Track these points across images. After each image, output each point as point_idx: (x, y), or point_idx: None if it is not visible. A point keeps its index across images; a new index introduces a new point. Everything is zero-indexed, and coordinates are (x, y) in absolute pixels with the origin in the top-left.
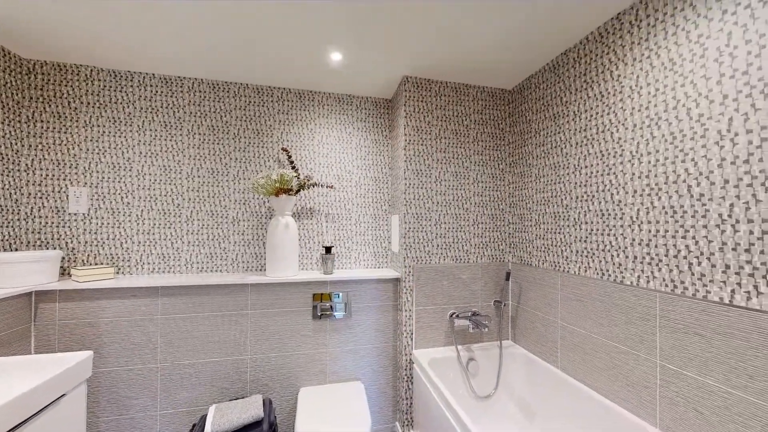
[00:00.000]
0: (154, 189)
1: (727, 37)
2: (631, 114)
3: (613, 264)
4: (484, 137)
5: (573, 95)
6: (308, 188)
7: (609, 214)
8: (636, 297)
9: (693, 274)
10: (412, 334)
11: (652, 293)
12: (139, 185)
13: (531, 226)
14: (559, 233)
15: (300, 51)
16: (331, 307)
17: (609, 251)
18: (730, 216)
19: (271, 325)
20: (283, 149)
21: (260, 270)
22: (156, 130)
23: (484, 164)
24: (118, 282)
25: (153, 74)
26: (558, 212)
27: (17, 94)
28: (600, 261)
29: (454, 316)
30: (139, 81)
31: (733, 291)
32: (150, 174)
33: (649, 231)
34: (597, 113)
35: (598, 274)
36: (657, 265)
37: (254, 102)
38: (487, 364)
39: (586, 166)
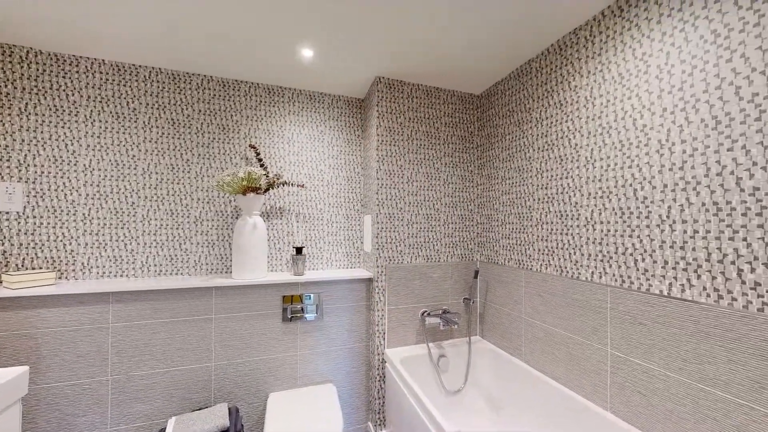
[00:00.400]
0: (104, 185)
1: (666, 56)
2: (586, 122)
3: (571, 261)
4: (454, 140)
5: (535, 103)
6: (278, 187)
7: (567, 215)
8: (590, 291)
9: (638, 270)
10: (384, 333)
11: (604, 288)
12: (86, 181)
13: (497, 226)
14: (523, 233)
15: (269, 46)
16: (302, 308)
17: (567, 249)
18: (668, 217)
19: (237, 329)
20: (251, 146)
21: (226, 272)
22: (106, 122)
23: (454, 166)
24: (60, 288)
25: (103, 60)
26: (522, 213)
27: None
28: (559, 258)
29: (425, 314)
30: (86, 67)
31: (670, 284)
32: (99, 169)
33: (602, 230)
34: (557, 120)
35: (557, 270)
36: (608, 261)
37: (219, 96)
38: (457, 359)
39: (547, 170)
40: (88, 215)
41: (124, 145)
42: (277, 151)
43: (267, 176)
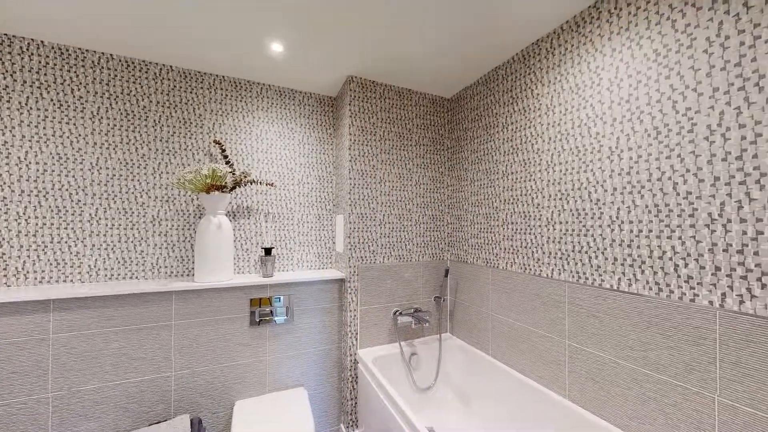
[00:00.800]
0: (43, 181)
1: (616, 70)
2: (547, 128)
3: (533, 259)
4: (425, 141)
5: (502, 108)
6: (245, 185)
7: (530, 215)
8: (551, 287)
9: (592, 266)
10: (356, 334)
11: (562, 284)
12: (21, 176)
13: (466, 226)
14: (490, 232)
15: (237, 38)
16: (272, 311)
17: (530, 248)
18: (617, 217)
19: (200, 335)
20: (215, 142)
21: (188, 275)
22: (46, 110)
23: (425, 167)
24: None
25: (42, 42)
26: (489, 213)
27: None
28: (523, 257)
29: (397, 313)
30: (21, 48)
31: (619, 279)
32: (38, 163)
33: (561, 230)
34: (521, 126)
35: (521, 268)
36: (566, 259)
37: (180, 87)
38: (428, 357)
39: (512, 173)
40: (24, 214)
41: (68, 137)
42: (244, 148)
43: (233, 174)
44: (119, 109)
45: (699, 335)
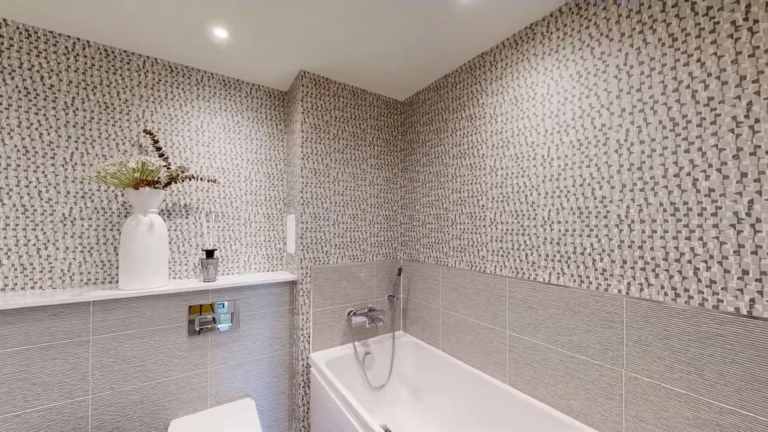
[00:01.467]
0: None
1: (547, 86)
2: (491, 136)
3: (479, 257)
4: (379, 142)
5: (450, 114)
6: (183, 181)
7: (476, 216)
8: (493, 282)
9: (528, 263)
10: (309, 337)
11: (504, 279)
12: None
13: (418, 226)
14: (440, 232)
15: (171, 18)
16: (214, 318)
17: (476, 246)
18: (549, 218)
19: (127, 351)
20: (146, 131)
21: (111, 282)
22: None
23: (379, 168)
24: None
25: None
26: (439, 214)
27: None
28: (470, 255)
29: (351, 314)
30: None
31: (550, 273)
32: None
33: (502, 230)
34: (468, 132)
35: (468, 266)
36: (507, 256)
37: (101, 67)
38: (382, 355)
39: (460, 176)
40: None
41: None
42: (181, 140)
43: (168, 168)
44: (14, 87)
45: (611, 319)
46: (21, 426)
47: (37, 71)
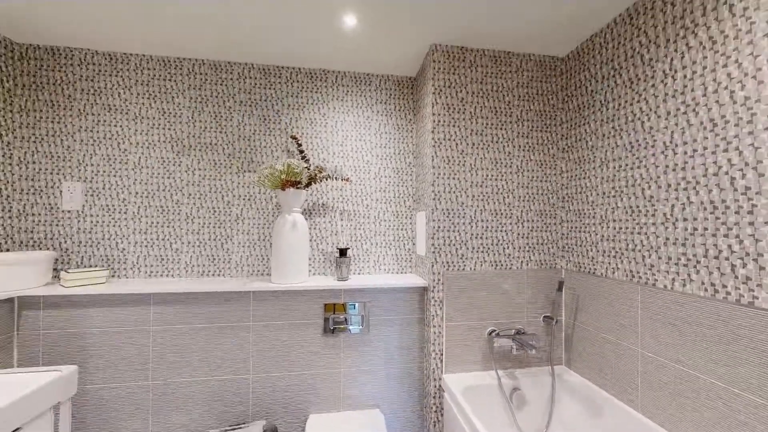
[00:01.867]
0: (151, 183)
1: None
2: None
3: (735, 277)
4: (530, 116)
5: (661, 50)
6: (320, 181)
7: (720, 208)
8: (750, 319)
9: None
10: (441, 354)
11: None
12: (135, 179)
13: (594, 225)
14: (639, 233)
15: (307, 14)
16: (346, 319)
17: (724, 257)
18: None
19: (276, 339)
20: (292, 137)
21: (267, 274)
22: (153, 118)
23: (530, 149)
24: (105, 288)
25: (151, 56)
26: (635, 206)
27: (8, 82)
28: (705, 272)
29: (493, 334)
30: (136, 64)
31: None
32: (147, 167)
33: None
34: (698, 72)
35: (702, 289)
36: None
37: (260, 84)
38: (536, 394)
39: (682, 143)
40: (137, 214)
41: (168, 142)
42: (319, 142)
43: (308, 169)
44: (209, 112)
45: None
46: (208, 390)
47: (220, 96)
